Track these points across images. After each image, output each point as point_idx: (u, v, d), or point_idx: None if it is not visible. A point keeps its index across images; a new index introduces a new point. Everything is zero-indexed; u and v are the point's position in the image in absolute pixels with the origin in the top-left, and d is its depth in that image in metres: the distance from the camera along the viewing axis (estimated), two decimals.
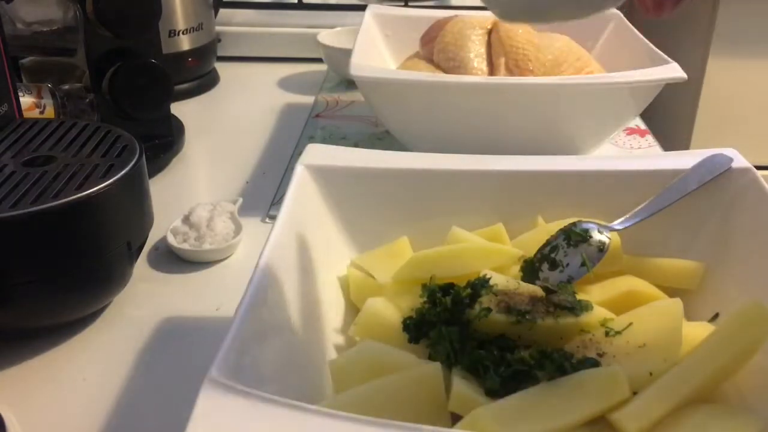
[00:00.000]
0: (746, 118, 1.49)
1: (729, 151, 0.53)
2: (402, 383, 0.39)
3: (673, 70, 0.69)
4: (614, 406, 0.37)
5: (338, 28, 1.08)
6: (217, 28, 1.07)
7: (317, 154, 0.54)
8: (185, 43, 0.98)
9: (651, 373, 0.39)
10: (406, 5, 1.28)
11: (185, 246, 0.62)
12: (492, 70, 0.76)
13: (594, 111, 0.71)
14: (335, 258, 0.52)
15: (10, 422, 0.45)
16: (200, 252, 0.62)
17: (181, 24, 0.97)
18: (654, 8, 0.32)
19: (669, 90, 0.69)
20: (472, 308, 0.43)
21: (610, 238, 0.49)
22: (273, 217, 0.68)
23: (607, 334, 0.42)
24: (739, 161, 0.52)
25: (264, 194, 0.73)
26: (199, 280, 0.61)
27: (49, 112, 0.74)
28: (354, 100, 0.96)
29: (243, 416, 0.32)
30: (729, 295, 0.47)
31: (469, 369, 0.41)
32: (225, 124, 0.93)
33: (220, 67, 1.08)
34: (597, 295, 0.47)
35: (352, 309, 0.49)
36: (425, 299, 0.46)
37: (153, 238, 0.62)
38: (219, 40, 1.08)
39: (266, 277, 0.41)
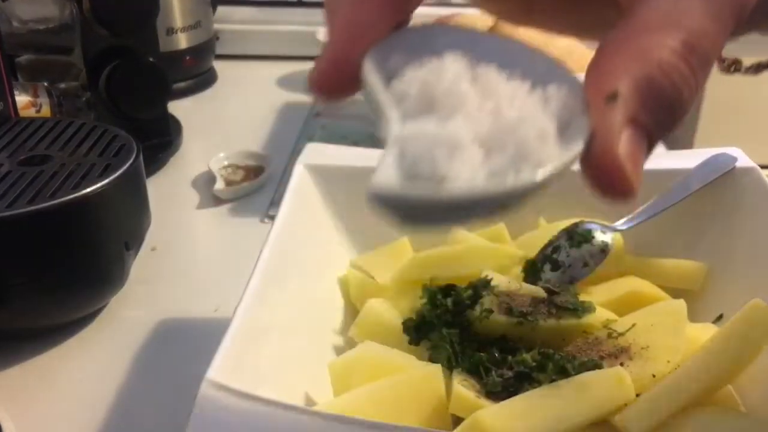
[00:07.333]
0: (751, 117, 1.49)
1: (733, 151, 0.53)
2: (402, 385, 0.39)
3: None
4: (618, 409, 0.37)
5: None
6: (216, 25, 1.07)
7: (317, 153, 0.54)
8: (183, 41, 0.98)
9: (654, 375, 0.39)
10: None
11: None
12: None
13: None
14: (335, 258, 0.51)
15: (6, 423, 0.44)
16: None
17: (178, 22, 0.96)
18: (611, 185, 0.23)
19: None
20: (473, 309, 0.43)
21: (612, 239, 0.49)
22: (272, 217, 0.67)
23: (609, 335, 0.42)
24: (744, 161, 0.52)
25: (263, 194, 0.73)
26: (197, 281, 0.60)
27: (46, 111, 0.73)
28: (354, 100, 0.96)
29: (241, 418, 0.32)
30: (733, 295, 0.47)
31: (470, 371, 0.40)
32: (223, 122, 0.93)
33: (219, 66, 1.08)
34: (599, 296, 0.47)
35: (352, 310, 0.49)
36: (426, 300, 0.45)
37: (150, 237, 0.62)
38: (217, 38, 1.07)
39: (265, 277, 0.41)
